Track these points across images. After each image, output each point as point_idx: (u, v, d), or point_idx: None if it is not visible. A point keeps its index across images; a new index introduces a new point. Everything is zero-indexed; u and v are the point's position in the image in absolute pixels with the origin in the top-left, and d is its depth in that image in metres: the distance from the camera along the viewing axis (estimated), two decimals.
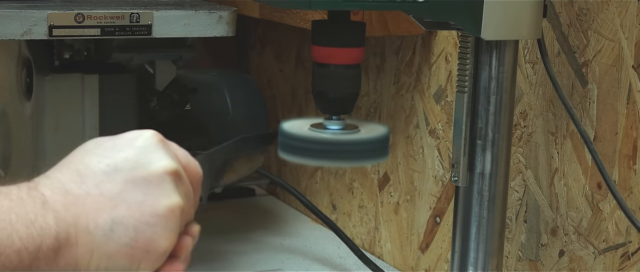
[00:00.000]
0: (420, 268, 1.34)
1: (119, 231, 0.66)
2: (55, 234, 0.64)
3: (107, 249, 0.66)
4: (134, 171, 0.68)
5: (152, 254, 0.67)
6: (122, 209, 0.67)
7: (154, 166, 0.68)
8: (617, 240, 1.03)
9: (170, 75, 1.34)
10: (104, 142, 0.70)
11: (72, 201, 0.66)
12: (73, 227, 0.65)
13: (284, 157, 0.85)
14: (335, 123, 0.87)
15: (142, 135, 0.70)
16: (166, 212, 0.68)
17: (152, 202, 0.67)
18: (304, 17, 1.28)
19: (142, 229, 0.67)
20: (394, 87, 1.37)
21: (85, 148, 0.70)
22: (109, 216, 0.66)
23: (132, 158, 0.68)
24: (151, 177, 0.68)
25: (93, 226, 0.66)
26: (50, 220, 0.64)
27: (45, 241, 0.63)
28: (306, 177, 1.61)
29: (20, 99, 1.35)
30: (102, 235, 0.66)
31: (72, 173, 0.67)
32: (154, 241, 0.67)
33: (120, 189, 0.67)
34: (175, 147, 0.72)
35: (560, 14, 1.08)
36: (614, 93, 1.02)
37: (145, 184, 0.67)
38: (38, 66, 1.30)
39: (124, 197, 0.67)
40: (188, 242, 0.71)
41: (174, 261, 0.70)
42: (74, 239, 0.65)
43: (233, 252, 1.42)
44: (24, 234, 0.62)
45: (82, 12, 1.17)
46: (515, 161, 1.15)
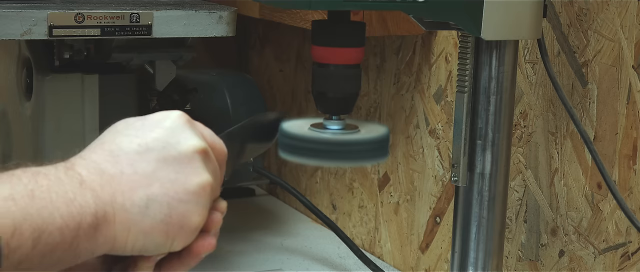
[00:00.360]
0: (420, 268, 1.34)
1: (154, 208, 0.69)
2: (94, 212, 0.66)
3: (143, 226, 0.68)
4: (164, 151, 0.70)
5: (185, 230, 0.70)
6: (156, 187, 0.69)
7: (184, 146, 0.71)
8: (617, 240, 1.03)
9: (170, 75, 1.34)
10: (133, 123, 0.72)
11: (108, 179, 0.68)
12: (110, 205, 0.67)
13: (284, 157, 0.85)
14: (335, 123, 0.87)
15: (169, 116, 0.72)
16: (197, 189, 0.70)
17: (184, 180, 0.70)
18: (304, 17, 1.28)
19: (176, 206, 0.69)
20: (394, 87, 1.37)
21: (115, 129, 0.72)
22: (144, 193, 0.69)
23: (162, 138, 0.71)
24: (181, 157, 0.70)
25: (129, 203, 0.68)
26: (88, 198, 0.66)
27: (84, 219, 0.65)
28: (306, 177, 1.61)
29: (20, 99, 1.35)
30: (138, 212, 0.68)
31: (105, 153, 0.70)
32: (186, 217, 0.70)
33: (153, 167, 0.69)
34: (201, 127, 0.75)
35: (560, 14, 1.08)
36: (614, 93, 1.02)
37: (177, 162, 0.70)
38: (38, 66, 1.30)
39: (157, 176, 0.69)
40: (218, 217, 0.74)
41: (206, 236, 0.73)
42: (111, 217, 0.67)
43: (233, 252, 1.42)
44: (64, 212, 0.64)
45: (82, 12, 1.17)
46: (515, 161, 1.15)
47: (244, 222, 1.55)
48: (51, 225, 0.64)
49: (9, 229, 0.61)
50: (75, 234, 0.65)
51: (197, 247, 0.72)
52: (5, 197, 0.63)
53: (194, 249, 0.72)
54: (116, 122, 0.73)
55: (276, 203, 1.67)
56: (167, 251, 0.71)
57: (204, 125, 0.75)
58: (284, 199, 1.68)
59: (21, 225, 0.62)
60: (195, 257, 0.73)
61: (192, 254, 0.73)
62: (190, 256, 0.73)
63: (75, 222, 0.65)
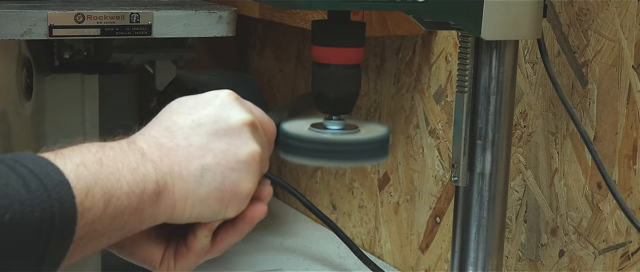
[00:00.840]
0: (420, 268, 1.34)
1: (208, 177, 0.74)
2: (156, 180, 0.71)
3: (199, 194, 0.74)
4: (216, 124, 0.75)
5: (238, 196, 0.75)
6: (209, 157, 0.74)
7: (233, 119, 0.76)
8: (617, 240, 1.03)
9: (170, 75, 1.34)
10: (186, 101, 0.78)
11: (166, 152, 0.73)
12: (169, 175, 0.72)
13: (284, 157, 0.85)
14: (335, 123, 0.87)
15: (219, 94, 0.78)
16: (247, 158, 0.75)
17: (235, 150, 0.75)
18: (304, 17, 1.28)
19: (228, 174, 0.74)
20: (394, 87, 1.37)
21: (170, 108, 0.78)
22: (198, 163, 0.74)
23: (213, 113, 0.76)
24: (231, 129, 0.75)
25: (186, 173, 0.73)
26: (150, 168, 0.72)
27: (147, 186, 0.71)
28: (306, 177, 1.61)
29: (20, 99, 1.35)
30: (193, 181, 0.73)
31: (162, 129, 0.75)
32: (238, 185, 0.75)
33: (206, 140, 0.75)
34: (250, 105, 0.80)
35: (560, 14, 1.08)
36: (614, 93, 1.02)
37: (227, 135, 0.75)
38: (38, 66, 1.30)
39: (210, 147, 0.74)
40: (269, 187, 0.80)
41: (258, 203, 0.78)
42: (170, 186, 0.72)
43: (233, 252, 1.42)
44: (130, 179, 0.70)
45: (82, 12, 1.16)
46: (515, 161, 1.15)
47: None
48: (119, 190, 0.69)
49: (83, 191, 0.67)
50: (140, 200, 0.70)
51: (250, 213, 0.78)
52: (77, 164, 0.68)
53: (248, 215, 0.78)
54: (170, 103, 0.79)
55: (276, 203, 1.67)
56: (222, 218, 0.76)
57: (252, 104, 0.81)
58: (284, 199, 1.68)
59: (93, 188, 0.68)
60: (248, 223, 0.78)
61: (245, 220, 0.78)
62: (243, 222, 0.78)
63: (140, 188, 0.70)
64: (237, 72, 1.72)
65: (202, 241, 0.78)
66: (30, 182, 0.65)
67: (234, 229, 0.78)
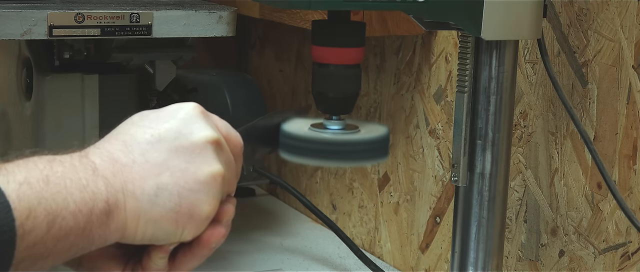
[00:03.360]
0: (420, 268, 1.34)
1: (164, 197, 0.70)
2: (106, 199, 0.68)
3: (152, 214, 0.70)
4: (176, 141, 0.71)
5: (195, 219, 0.71)
6: (166, 175, 0.70)
7: (196, 136, 0.72)
8: (617, 240, 1.03)
9: (170, 75, 1.34)
10: (148, 115, 0.74)
11: (120, 168, 0.70)
12: (121, 193, 0.69)
13: (284, 157, 0.85)
14: (335, 123, 0.87)
15: (183, 107, 0.74)
16: (208, 179, 0.71)
17: (195, 170, 0.71)
18: (304, 17, 1.28)
19: (186, 195, 0.70)
20: (394, 87, 1.37)
21: (130, 121, 0.74)
22: (154, 182, 0.70)
23: (175, 128, 0.72)
24: (193, 146, 0.71)
25: (139, 191, 0.69)
26: (100, 185, 0.68)
27: (97, 205, 0.67)
28: (306, 177, 1.61)
29: (20, 99, 1.35)
30: (147, 200, 0.70)
31: (119, 143, 0.71)
32: (196, 206, 0.71)
33: (165, 157, 0.71)
34: (216, 119, 0.76)
35: (560, 14, 1.08)
36: (614, 93, 1.02)
37: (188, 152, 0.71)
38: (38, 66, 1.30)
39: (168, 165, 0.70)
40: (230, 208, 0.75)
41: (217, 226, 0.74)
42: (122, 204, 0.69)
43: (233, 252, 1.42)
44: (78, 198, 0.66)
45: (82, 12, 1.17)
46: (515, 161, 1.15)
47: (244, 222, 1.55)
48: (65, 210, 0.65)
49: (24, 212, 0.63)
50: (88, 219, 0.66)
51: (206, 237, 0.73)
52: (20, 182, 0.65)
53: (204, 239, 0.73)
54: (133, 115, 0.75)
55: (276, 203, 1.67)
56: (178, 241, 0.72)
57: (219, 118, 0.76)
58: (284, 199, 1.68)
59: (36, 208, 0.64)
60: (205, 247, 0.74)
61: (202, 244, 0.73)
62: (200, 245, 0.73)
63: (88, 207, 0.67)
64: (237, 72, 1.72)
65: (156, 263, 0.73)
66: None
67: (191, 252, 0.74)
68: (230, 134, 0.76)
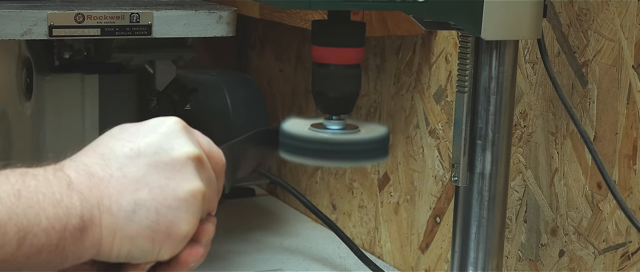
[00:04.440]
0: (420, 268, 1.34)
1: (141, 213, 0.67)
2: (80, 214, 0.65)
3: (129, 231, 0.67)
4: (156, 156, 0.69)
5: (173, 238, 0.69)
6: (145, 191, 0.68)
7: (177, 151, 0.69)
8: (617, 240, 1.03)
9: (170, 75, 1.34)
10: (129, 128, 0.71)
11: (96, 182, 0.67)
12: (97, 208, 0.66)
13: (284, 157, 0.85)
14: (335, 123, 0.87)
15: (165, 121, 0.71)
16: (187, 196, 0.69)
17: (174, 186, 0.68)
18: (304, 17, 1.28)
19: (164, 212, 0.68)
20: (394, 87, 1.37)
21: (110, 133, 0.71)
22: (131, 197, 0.67)
23: (155, 143, 0.69)
24: (173, 162, 0.69)
25: (116, 207, 0.67)
26: (75, 200, 0.65)
27: (70, 221, 0.65)
28: (306, 177, 1.61)
29: (20, 99, 1.35)
30: (124, 216, 0.67)
31: (96, 156, 0.69)
32: (174, 225, 0.68)
33: (144, 172, 0.68)
34: (199, 135, 0.73)
35: (560, 14, 1.08)
36: (614, 93, 1.02)
37: (168, 168, 0.69)
38: (38, 66, 1.30)
39: (147, 181, 0.68)
40: (210, 227, 0.73)
41: (195, 245, 0.71)
42: (97, 220, 0.66)
43: (233, 252, 1.42)
44: (51, 213, 0.64)
45: (82, 12, 1.17)
46: (515, 161, 1.15)
47: (244, 222, 1.55)
48: (37, 226, 0.63)
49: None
50: (61, 236, 0.64)
51: (184, 257, 0.71)
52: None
53: (181, 259, 0.71)
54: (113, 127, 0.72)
55: (276, 203, 1.67)
56: (154, 259, 0.70)
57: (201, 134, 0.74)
58: (284, 199, 1.68)
59: (6, 224, 0.62)
60: (183, 267, 0.71)
61: (179, 264, 0.71)
62: (177, 265, 0.71)
63: (61, 224, 0.64)
64: (237, 72, 1.72)
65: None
66: None
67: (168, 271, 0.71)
68: (212, 151, 0.74)
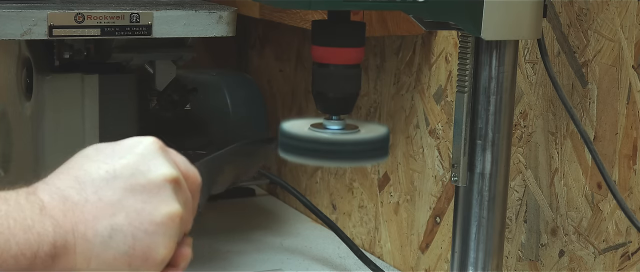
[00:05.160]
0: (420, 268, 1.34)
1: (118, 239, 0.66)
2: (53, 241, 0.64)
3: (105, 257, 0.66)
4: (133, 178, 0.67)
5: (150, 263, 0.67)
6: (121, 216, 0.66)
7: (154, 174, 0.68)
8: (617, 240, 1.03)
9: (170, 75, 1.34)
10: (104, 149, 0.70)
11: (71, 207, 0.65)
12: (71, 234, 0.65)
13: (284, 157, 0.85)
14: (335, 123, 0.87)
15: (142, 142, 0.70)
16: (165, 220, 0.68)
17: (151, 210, 0.67)
18: (304, 17, 1.28)
19: (140, 237, 0.66)
20: (394, 87, 1.37)
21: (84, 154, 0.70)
22: (108, 222, 0.66)
23: (131, 165, 0.68)
24: (150, 185, 0.68)
25: (92, 233, 0.66)
26: (48, 226, 0.64)
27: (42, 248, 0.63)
28: (306, 177, 1.61)
29: (20, 99, 1.35)
30: (100, 242, 0.66)
31: (71, 179, 0.67)
32: (152, 249, 0.67)
33: (119, 196, 0.67)
34: (175, 154, 0.72)
35: (560, 14, 1.08)
36: (614, 93, 1.02)
37: (144, 191, 0.67)
38: (38, 66, 1.30)
39: (123, 205, 0.66)
40: (187, 251, 0.71)
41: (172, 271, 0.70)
42: (72, 246, 0.65)
43: (233, 252, 1.42)
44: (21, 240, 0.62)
45: (82, 12, 1.17)
46: (515, 161, 1.15)
47: (244, 222, 1.55)
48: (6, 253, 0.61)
49: None
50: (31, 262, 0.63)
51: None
52: None
53: None
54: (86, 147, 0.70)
55: (276, 203, 1.67)
56: None
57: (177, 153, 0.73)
58: (284, 199, 1.68)
59: None
60: None
61: None
62: None
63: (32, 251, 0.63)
64: (237, 72, 1.72)
65: None
66: None
67: None
68: (188, 171, 0.72)
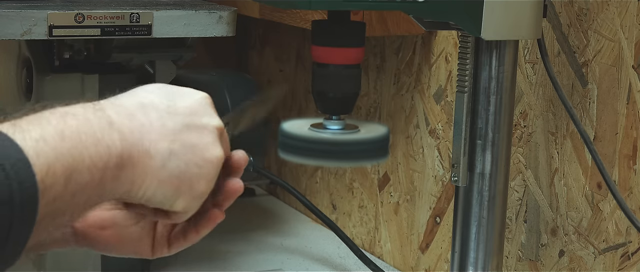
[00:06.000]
0: (420, 268, 1.34)
1: (173, 162, 0.72)
2: (120, 153, 0.69)
3: (160, 175, 0.71)
4: (190, 118, 0.74)
5: (193, 192, 0.73)
6: (178, 144, 0.72)
7: (207, 119, 0.75)
8: (617, 240, 1.03)
9: (170, 75, 1.34)
10: (165, 88, 0.76)
11: (137, 125, 0.71)
12: (135, 148, 0.70)
13: (284, 157, 0.85)
14: (335, 123, 0.87)
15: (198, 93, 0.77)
16: (213, 159, 0.74)
17: (202, 148, 0.74)
18: (304, 17, 1.28)
19: (191, 167, 0.73)
20: (394, 87, 1.37)
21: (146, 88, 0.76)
22: (167, 146, 0.72)
23: (190, 107, 0.75)
24: (203, 128, 0.74)
25: (154, 151, 0.71)
26: (116, 139, 0.69)
27: (111, 159, 0.68)
28: (306, 177, 1.61)
29: (20, 99, 1.35)
30: (159, 160, 0.71)
31: (136, 104, 0.73)
32: (197, 182, 0.73)
33: (179, 128, 0.73)
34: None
35: (560, 14, 1.08)
36: (614, 93, 1.02)
37: (198, 131, 0.74)
38: (38, 66, 1.30)
39: (181, 136, 0.73)
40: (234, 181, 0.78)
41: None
42: (135, 159, 0.70)
43: (233, 252, 1.42)
44: (93, 152, 0.67)
45: (82, 12, 1.16)
46: (515, 161, 1.15)
47: (244, 222, 1.55)
48: (81, 164, 0.66)
49: (43, 168, 0.64)
50: (102, 174, 0.67)
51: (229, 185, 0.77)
52: (36, 139, 0.65)
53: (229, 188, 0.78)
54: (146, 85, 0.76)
55: (276, 203, 1.67)
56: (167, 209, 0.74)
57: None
58: (284, 199, 1.68)
59: (54, 164, 0.64)
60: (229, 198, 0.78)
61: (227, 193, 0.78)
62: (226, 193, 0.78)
63: (103, 162, 0.67)
64: (237, 72, 1.72)
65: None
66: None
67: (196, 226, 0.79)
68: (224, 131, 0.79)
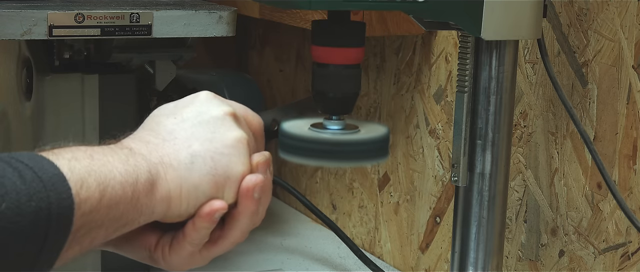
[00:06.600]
0: (420, 268, 1.34)
1: (199, 163, 0.75)
2: (148, 169, 0.73)
3: (192, 180, 0.75)
4: (197, 117, 0.78)
5: (232, 179, 0.77)
6: (196, 145, 0.76)
7: (214, 111, 0.79)
8: (617, 240, 1.03)
9: (170, 75, 1.34)
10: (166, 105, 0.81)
11: (153, 147, 0.76)
12: (160, 165, 0.74)
13: (284, 157, 0.85)
14: (335, 123, 0.87)
15: (198, 95, 0.81)
16: (234, 143, 0.77)
17: (220, 137, 0.77)
18: (304, 17, 1.28)
19: (218, 158, 0.76)
20: (394, 87, 1.37)
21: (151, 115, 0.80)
22: (186, 152, 0.76)
23: (195, 109, 0.79)
24: (214, 119, 0.78)
25: (176, 162, 0.75)
26: (140, 160, 0.74)
27: (141, 175, 0.72)
28: (306, 177, 1.61)
29: (20, 99, 1.35)
30: (185, 168, 0.75)
31: (147, 131, 0.78)
32: (230, 168, 0.77)
33: (191, 132, 0.77)
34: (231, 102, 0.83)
35: (560, 14, 1.08)
36: (614, 93, 1.02)
37: (211, 124, 0.78)
38: (38, 66, 1.30)
39: (196, 137, 0.77)
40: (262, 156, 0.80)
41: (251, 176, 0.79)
42: (163, 174, 0.74)
43: (233, 252, 1.41)
44: (122, 170, 0.71)
45: (82, 12, 1.17)
46: (515, 161, 1.15)
47: None
48: (113, 180, 0.70)
49: (77, 182, 0.68)
50: (134, 189, 0.71)
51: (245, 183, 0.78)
52: (69, 159, 0.70)
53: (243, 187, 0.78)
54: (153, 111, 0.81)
55: (276, 203, 1.67)
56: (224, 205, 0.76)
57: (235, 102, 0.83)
58: (284, 199, 1.68)
59: (87, 179, 0.69)
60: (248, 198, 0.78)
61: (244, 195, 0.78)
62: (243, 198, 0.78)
63: (133, 178, 0.72)
64: (237, 72, 1.72)
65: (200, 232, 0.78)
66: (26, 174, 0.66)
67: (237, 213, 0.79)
68: (247, 113, 0.82)
